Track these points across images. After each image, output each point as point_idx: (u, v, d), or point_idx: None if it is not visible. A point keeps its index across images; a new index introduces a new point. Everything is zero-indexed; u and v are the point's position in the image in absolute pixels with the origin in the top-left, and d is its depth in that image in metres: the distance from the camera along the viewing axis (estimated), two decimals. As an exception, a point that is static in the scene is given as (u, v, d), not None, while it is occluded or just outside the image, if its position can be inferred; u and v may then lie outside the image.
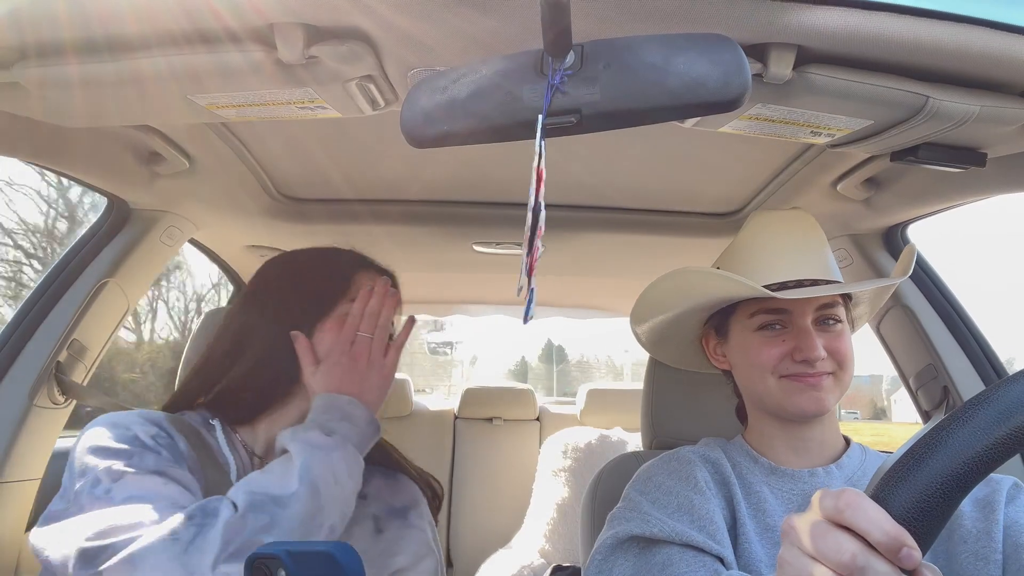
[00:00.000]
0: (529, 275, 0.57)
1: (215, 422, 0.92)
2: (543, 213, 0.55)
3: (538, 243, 0.56)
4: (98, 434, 0.80)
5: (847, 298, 0.96)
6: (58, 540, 0.72)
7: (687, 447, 1.01)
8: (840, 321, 0.92)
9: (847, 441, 0.97)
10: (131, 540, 0.69)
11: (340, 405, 0.86)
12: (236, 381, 0.91)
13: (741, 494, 0.91)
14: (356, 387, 0.88)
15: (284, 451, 0.82)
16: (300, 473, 0.77)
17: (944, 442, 0.46)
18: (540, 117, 0.55)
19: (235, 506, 0.74)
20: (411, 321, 0.99)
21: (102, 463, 0.76)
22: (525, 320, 0.59)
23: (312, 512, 0.76)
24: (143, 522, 0.71)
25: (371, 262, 1.03)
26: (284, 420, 0.92)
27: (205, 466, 0.85)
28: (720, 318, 0.98)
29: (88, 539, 0.69)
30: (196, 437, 0.88)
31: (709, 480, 0.92)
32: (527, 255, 0.57)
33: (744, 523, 0.88)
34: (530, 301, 0.57)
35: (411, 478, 1.03)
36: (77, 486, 0.76)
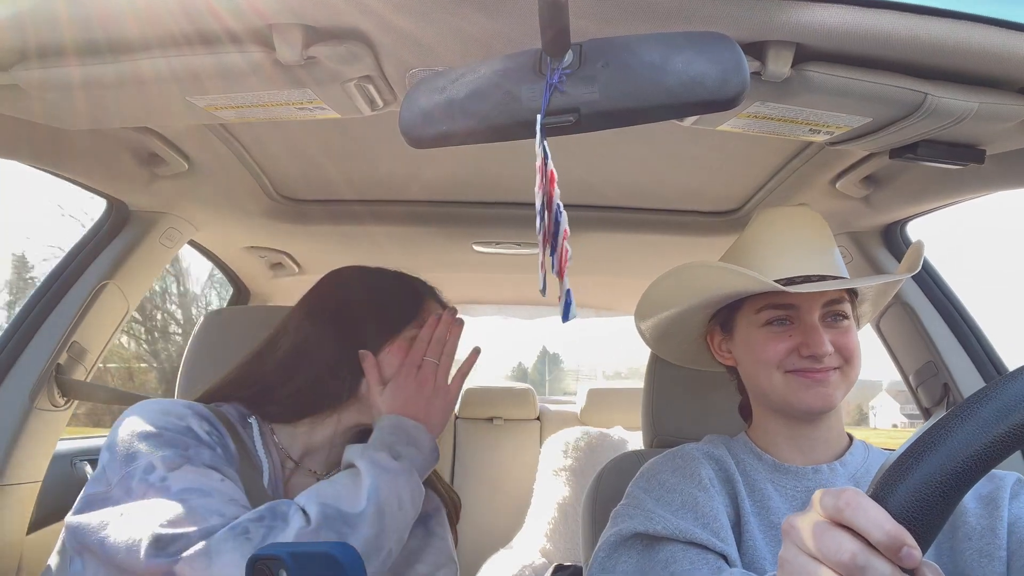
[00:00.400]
0: (560, 276, 0.57)
1: (252, 420, 0.92)
2: (564, 215, 0.55)
3: (566, 244, 0.56)
4: (147, 420, 0.79)
5: (853, 295, 0.96)
6: (119, 523, 0.71)
7: (691, 444, 1.01)
8: (847, 317, 0.92)
9: (850, 438, 0.97)
10: (206, 531, 0.69)
11: (407, 428, 0.87)
12: (291, 387, 0.91)
13: (745, 491, 0.91)
14: (422, 411, 0.90)
15: (350, 465, 0.83)
16: (368, 494, 0.78)
17: (943, 440, 0.46)
18: (539, 117, 0.55)
19: (306, 515, 0.74)
20: (476, 352, 1.01)
21: (157, 450, 0.76)
22: (565, 319, 0.59)
23: (376, 534, 0.76)
24: (212, 514, 0.71)
25: (437, 293, 1.05)
26: (328, 427, 0.93)
27: (244, 465, 0.85)
28: (726, 314, 0.98)
29: (162, 525, 0.69)
30: (236, 434, 0.88)
31: (713, 477, 0.92)
32: (551, 255, 0.57)
33: (748, 520, 0.88)
34: (569, 303, 0.57)
35: (435, 490, 1.02)
36: (125, 470, 0.74)
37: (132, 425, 0.78)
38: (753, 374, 0.95)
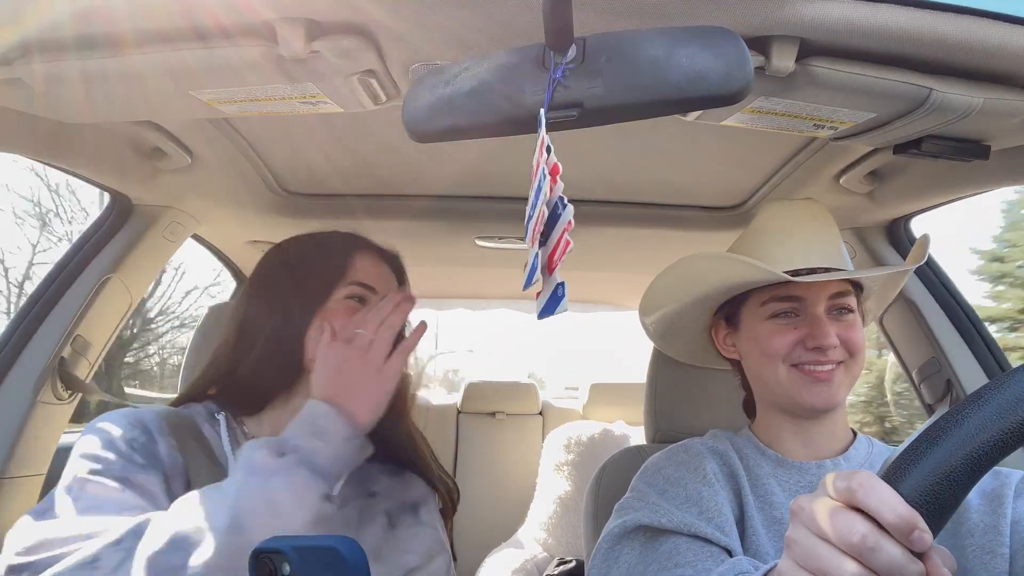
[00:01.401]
0: (550, 271, 0.57)
1: (220, 416, 0.91)
2: (569, 208, 0.55)
3: (567, 237, 0.55)
4: (86, 437, 0.81)
5: (858, 289, 0.95)
6: (5, 547, 0.71)
7: (695, 439, 1.01)
8: (852, 311, 0.92)
9: (854, 433, 0.97)
10: (56, 558, 0.66)
11: (315, 417, 0.77)
12: (244, 373, 0.90)
13: (749, 486, 0.91)
14: (346, 393, 0.79)
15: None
16: (231, 503, 0.69)
17: (959, 425, 0.46)
18: (542, 111, 0.55)
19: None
20: (422, 326, 0.89)
21: (74, 470, 0.76)
22: (540, 315, 0.58)
23: (234, 551, 0.66)
24: (77, 537, 0.68)
25: (371, 243, 0.99)
26: (290, 411, 0.89)
27: (198, 465, 0.84)
28: (730, 307, 0.98)
29: (18, 553, 0.67)
30: (191, 434, 0.87)
31: (718, 472, 0.92)
32: (542, 249, 0.57)
33: (751, 516, 0.89)
34: (559, 296, 0.56)
35: (425, 478, 1.00)
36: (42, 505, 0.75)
37: (78, 442, 0.80)
38: (758, 368, 0.95)
